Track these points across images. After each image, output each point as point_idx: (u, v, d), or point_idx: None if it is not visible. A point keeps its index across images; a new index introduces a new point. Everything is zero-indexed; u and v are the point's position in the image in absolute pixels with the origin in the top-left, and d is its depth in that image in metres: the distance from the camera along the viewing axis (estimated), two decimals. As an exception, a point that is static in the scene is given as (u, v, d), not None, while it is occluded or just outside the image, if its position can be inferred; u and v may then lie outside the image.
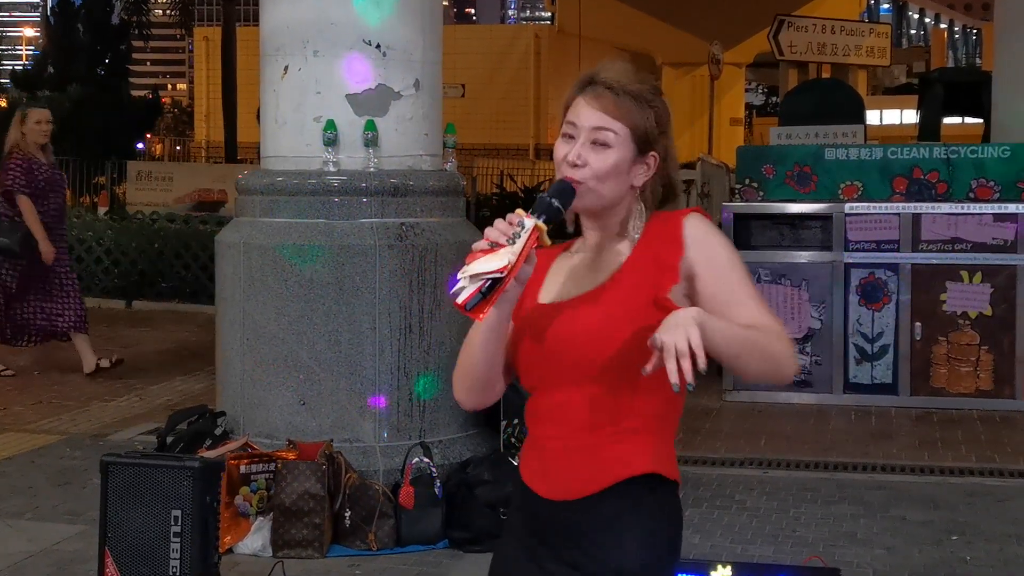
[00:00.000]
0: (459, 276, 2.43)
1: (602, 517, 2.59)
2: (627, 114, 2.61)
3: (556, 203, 2.54)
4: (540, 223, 2.48)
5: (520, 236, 2.45)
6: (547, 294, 2.70)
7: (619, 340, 2.54)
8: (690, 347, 2.32)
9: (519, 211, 2.50)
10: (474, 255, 2.44)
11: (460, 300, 2.42)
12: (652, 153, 2.65)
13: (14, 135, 10.10)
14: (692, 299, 2.57)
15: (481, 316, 2.45)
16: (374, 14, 6.63)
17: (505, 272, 2.41)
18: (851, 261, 9.24)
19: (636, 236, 2.66)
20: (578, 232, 2.74)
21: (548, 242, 2.50)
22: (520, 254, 2.43)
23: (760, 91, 60.66)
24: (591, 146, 2.60)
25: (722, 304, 2.53)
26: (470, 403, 2.73)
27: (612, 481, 2.59)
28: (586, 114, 2.62)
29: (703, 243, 2.59)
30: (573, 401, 2.60)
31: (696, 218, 2.62)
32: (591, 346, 2.56)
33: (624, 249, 2.66)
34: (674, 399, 2.64)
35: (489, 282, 2.42)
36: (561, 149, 2.64)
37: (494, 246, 2.44)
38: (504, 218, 2.47)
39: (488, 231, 2.46)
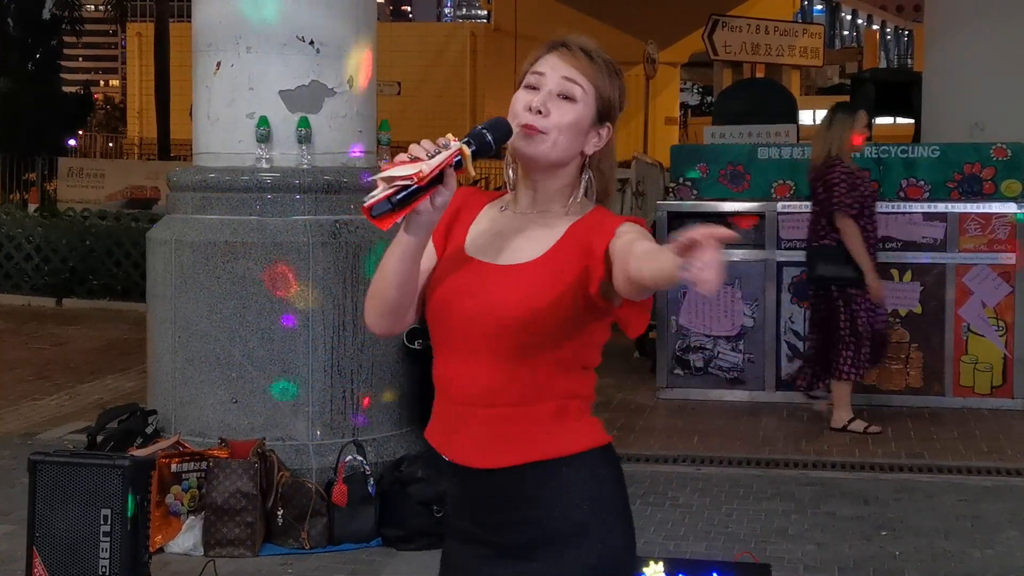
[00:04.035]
0: (372, 178, 2.39)
1: (539, 485, 2.59)
2: (597, 77, 2.63)
3: (488, 136, 2.51)
4: (464, 146, 2.44)
5: (441, 153, 2.40)
6: (472, 244, 2.66)
7: (538, 319, 2.53)
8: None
9: (449, 135, 2.47)
10: (391, 164, 2.39)
11: (367, 203, 2.37)
12: (608, 125, 2.66)
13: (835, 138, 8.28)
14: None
15: (386, 225, 2.39)
16: (307, 10, 6.60)
17: (414, 180, 2.36)
18: (783, 259, 9.31)
19: (569, 213, 2.63)
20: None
21: (472, 171, 2.47)
22: (435, 167, 2.38)
23: (695, 90, 60.94)
24: (556, 98, 2.60)
25: (629, 246, 2.42)
26: (380, 328, 2.69)
27: (546, 456, 2.59)
28: (557, 66, 2.62)
29: (628, 231, 2.56)
30: (491, 373, 2.57)
31: (633, 224, 2.59)
32: (510, 319, 2.54)
33: (558, 225, 2.62)
34: (590, 375, 2.65)
35: (400, 191, 2.37)
36: (522, 98, 2.61)
37: (415, 160, 2.39)
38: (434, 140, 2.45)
39: (412, 146, 2.42)
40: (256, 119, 6.57)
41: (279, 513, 6.02)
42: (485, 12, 50.32)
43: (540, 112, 2.58)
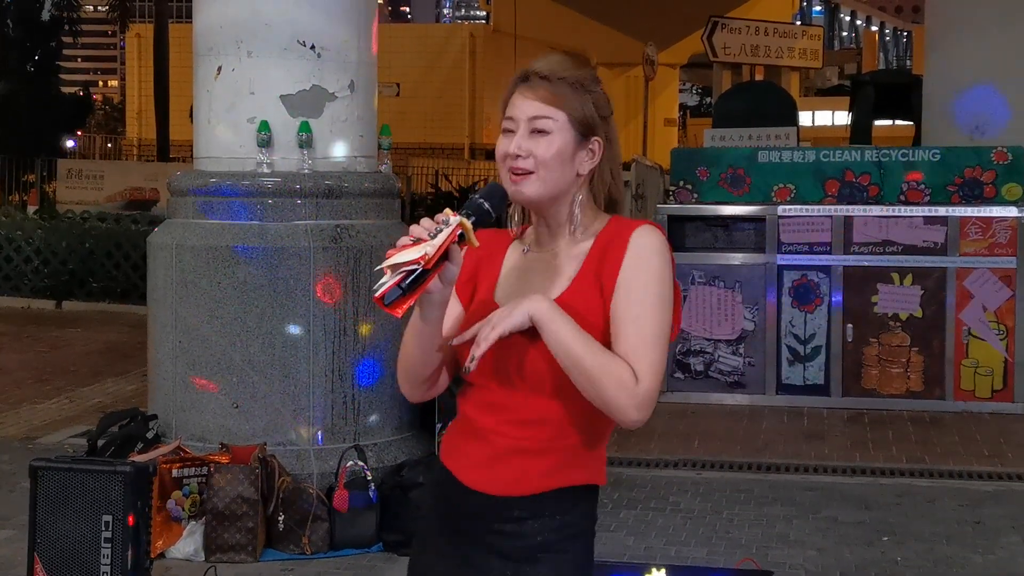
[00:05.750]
0: (379, 268, 2.41)
1: (533, 513, 2.60)
2: (564, 101, 2.60)
3: (486, 204, 2.51)
4: (464, 220, 2.45)
5: (443, 232, 2.42)
6: (502, 292, 2.67)
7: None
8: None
9: (447, 210, 2.48)
10: (395, 249, 2.41)
11: (378, 293, 2.39)
12: (595, 138, 2.64)
13: None
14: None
15: (399, 311, 2.41)
16: (308, 14, 6.60)
17: (421, 263, 2.38)
18: (784, 263, 9.31)
19: (585, 235, 2.63)
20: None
21: (475, 242, 2.46)
22: (439, 247, 2.40)
23: (694, 92, 61.02)
24: (531, 136, 2.59)
25: (617, 322, 2.54)
26: (414, 396, 2.73)
27: (552, 487, 2.60)
28: (522, 105, 2.61)
29: (639, 260, 2.57)
30: (519, 405, 2.59)
31: (645, 231, 2.59)
32: (540, 361, 2.55)
33: (576, 254, 2.63)
34: None
35: (407, 276, 2.38)
36: (502, 145, 2.62)
37: (417, 241, 2.41)
38: (432, 217, 2.46)
39: (412, 227, 2.44)
40: (257, 123, 6.56)
41: (280, 518, 6.01)
42: (484, 13, 50.34)
43: (520, 156, 2.59)
